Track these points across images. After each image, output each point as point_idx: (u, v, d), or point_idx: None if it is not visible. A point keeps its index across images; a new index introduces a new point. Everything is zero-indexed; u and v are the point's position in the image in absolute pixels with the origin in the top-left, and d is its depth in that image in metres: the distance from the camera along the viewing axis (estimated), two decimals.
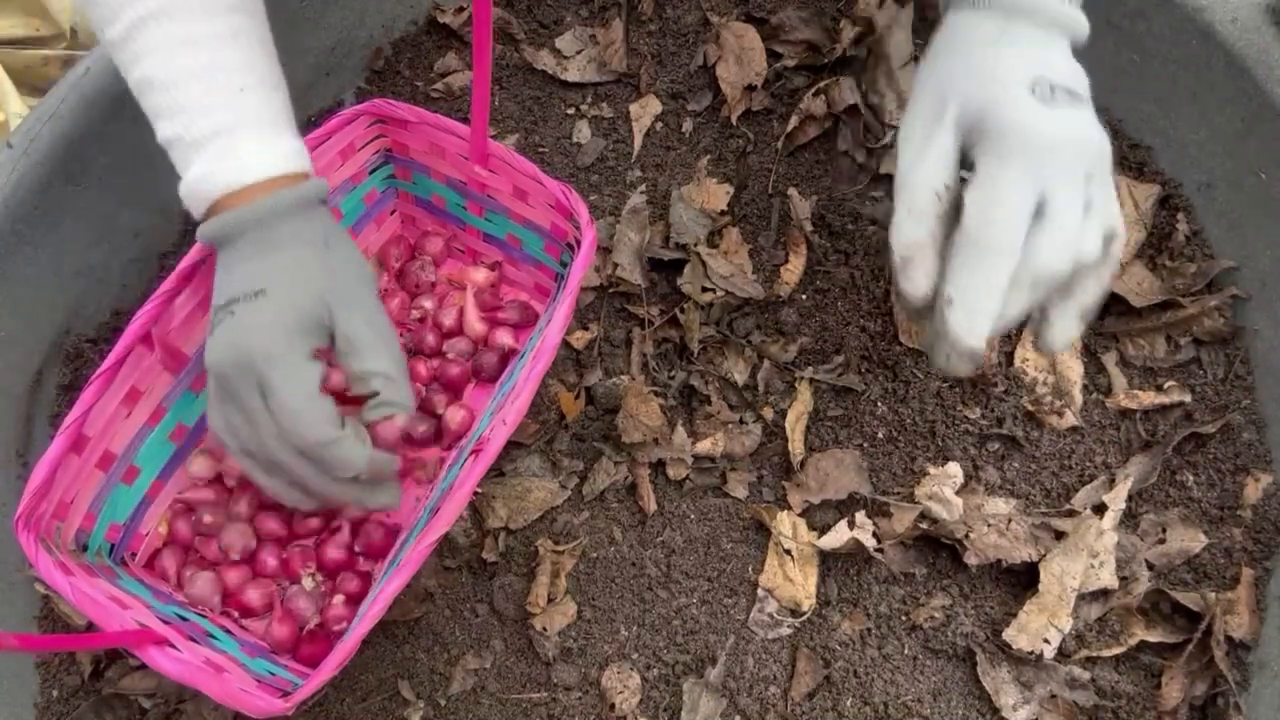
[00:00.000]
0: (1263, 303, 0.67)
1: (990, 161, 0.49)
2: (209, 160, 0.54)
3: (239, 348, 0.53)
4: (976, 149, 0.50)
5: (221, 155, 0.54)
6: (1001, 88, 0.49)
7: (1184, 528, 0.63)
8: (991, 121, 0.49)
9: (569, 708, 0.61)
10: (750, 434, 0.67)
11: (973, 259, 0.48)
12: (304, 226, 0.55)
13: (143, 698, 0.62)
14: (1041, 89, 0.49)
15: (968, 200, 0.49)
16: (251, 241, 0.54)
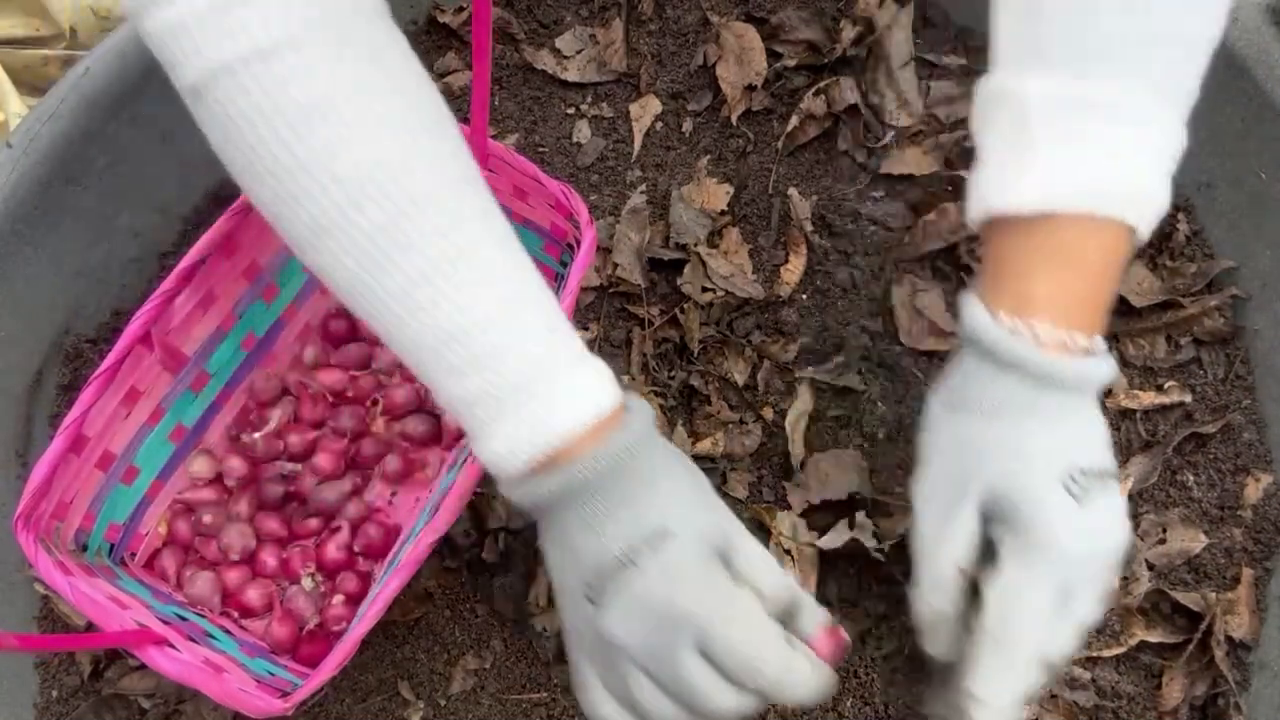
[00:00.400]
0: (1263, 303, 0.67)
1: (1015, 561, 0.47)
2: (536, 409, 0.45)
3: (666, 603, 0.44)
4: (998, 531, 0.48)
5: (551, 401, 0.45)
6: (1031, 480, 0.47)
7: (1184, 528, 0.63)
8: (1020, 519, 0.47)
9: (569, 708, 0.61)
10: (750, 434, 0.67)
11: (997, 658, 0.46)
12: (662, 453, 0.48)
13: (142, 698, 0.62)
14: (1075, 482, 0.46)
15: (990, 595, 0.47)
16: (620, 486, 0.45)
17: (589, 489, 0.45)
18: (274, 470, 0.68)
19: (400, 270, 0.43)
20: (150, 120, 0.70)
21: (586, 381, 0.46)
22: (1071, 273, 0.46)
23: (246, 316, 0.68)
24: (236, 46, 0.40)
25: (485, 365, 0.44)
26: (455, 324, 0.44)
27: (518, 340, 0.45)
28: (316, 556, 0.66)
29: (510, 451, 0.45)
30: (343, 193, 0.42)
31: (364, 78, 0.42)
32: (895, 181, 0.74)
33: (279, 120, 0.41)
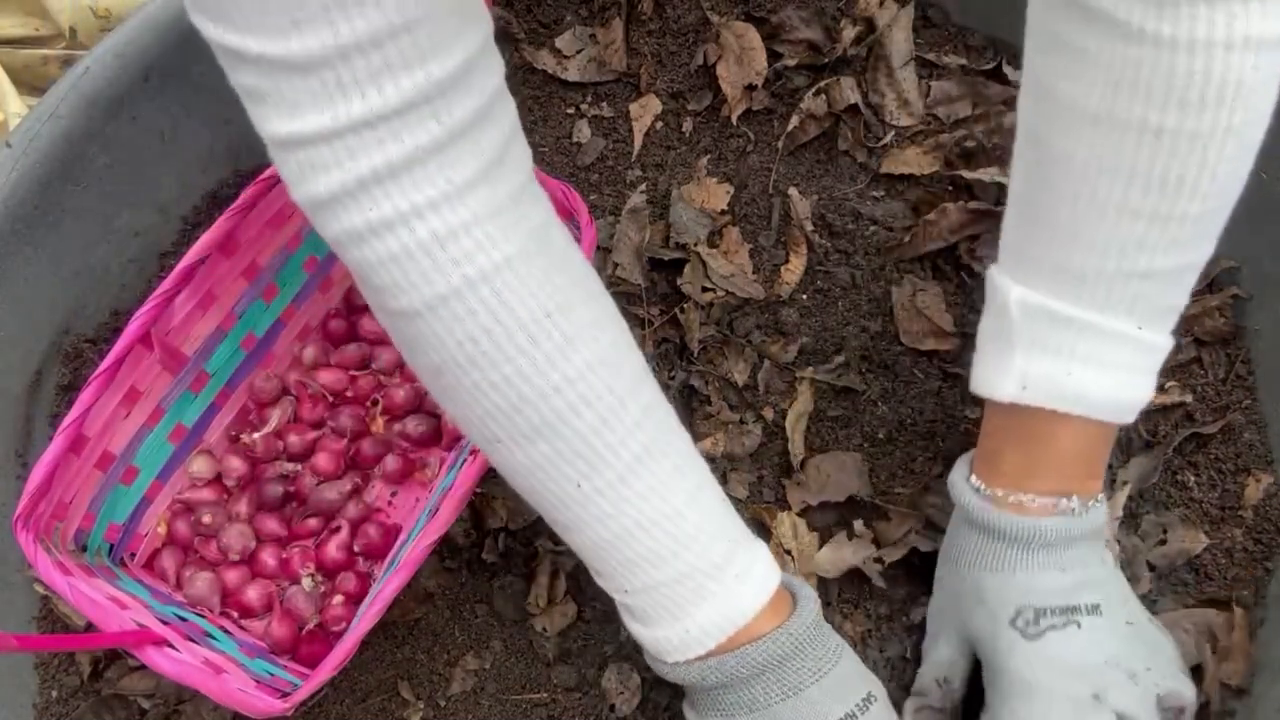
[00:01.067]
0: (1263, 303, 0.67)
1: (992, 696, 0.53)
2: (732, 584, 0.48)
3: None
4: (984, 671, 0.54)
5: (746, 575, 0.48)
6: (987, 623, 0.53)
7: (1184, 529, 0.63)
8: (985, 657, 0.54)
9: (569, 708, 0.61)
10: (750, 434, 0.67)
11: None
12: (829, 628, 0.53)
13: (142, 698, 0.62)
14: (1024, 619, 0.52)
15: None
16: (810, 657, 0.49)
17: (784, 663, 0.49)
18: (274, 470, 0.68)
19: (610, 467, 0.45)
20: (150, 120, 0.70)
21: (762, 557, 0.51)
22: (1039, 451, 0.52)
23: (246, 316, 0.68)
24: (464, 273, 0.41)
25: (686, 549, 0.47)
26: (659, 511, 0.46)
27: (710, 522, 0.48)
28: (316, 557, 0.66)
29: (709, 630, 0.48)
30: (562, 399, 0.44)
31: (567, 286, 0.44)
32: (895, 181, 0.74)
33: (505, 338, 0.42)
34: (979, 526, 0.54)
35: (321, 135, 0.38)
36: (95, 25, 0.91)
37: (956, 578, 0.55)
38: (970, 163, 0.73)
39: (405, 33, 0.37)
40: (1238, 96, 0.42)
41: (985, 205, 0.70)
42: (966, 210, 0.70)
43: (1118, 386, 0.50)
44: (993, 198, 0.71)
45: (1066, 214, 0.47)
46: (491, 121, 0.41)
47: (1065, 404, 0.50)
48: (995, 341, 0.52)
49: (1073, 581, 0.52)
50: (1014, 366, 0.51)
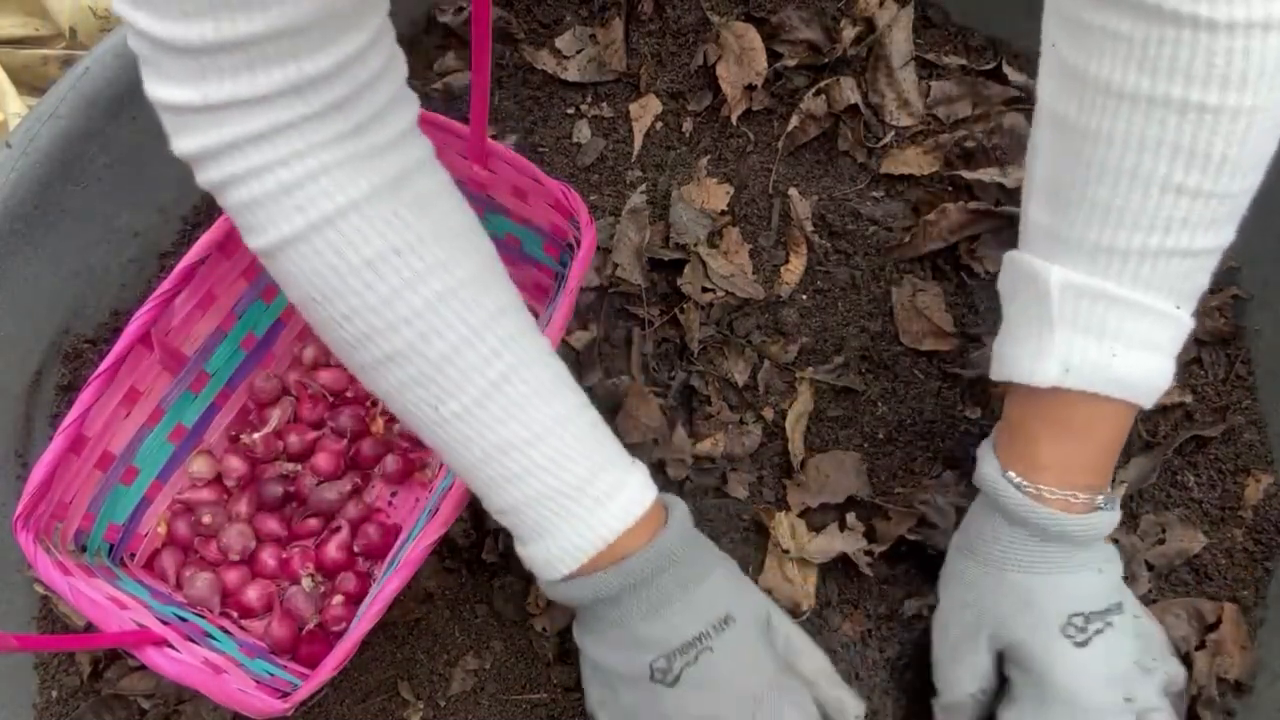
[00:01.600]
0: (1263, 303, 0.67)
1: (1026, 705, 0.52)
2: (592, 505, 0.49)
3: (736, 682, 0.50)
4: (1012, 671, 0.53)
5: (608, 496, 0.49)
6: (1034, 630, 0.52)
7: (1183, 528, 0.63)
8: (1026, 664, 0.52)
9: (569, 708, 0.61)
10: (750, 434, 0.67)
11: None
12: (703, 543, 0.54)
13: (142, 698, 0.62)
14: (1075, 626, 0.51)
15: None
16: (677, 576, 0.51)
17: (648, 581, 0.50)
18: (274, 470, 0.68)
19: (464, 392, 0.47)
20: (150, 120, 0.69)
21: (633, 480, 0.51)
22: (1078, 443, 0.51)
23: (246, 316, 0.68)
24: (307, 218, 0.44)
25: (545, 470, 0.48)
26: (517, 435, 0.48)
27: (571, 447, 0.49)
28: (316, 557, 0.66)
29: (569, 549, 0.49)
30: (411, 330, 0.46)
31: (422, 226, 0.46)
32: (895, 181, 0.74)
33: (350, 274, 0.45)
34: (1021, 524, 0.52)
35: (191, 107, 0.41)
36: (95, 25, 0.91)
37: (990, 578, 0.54)
38: (970, 163, 0.73)
39: (287, 36, 0.39)
40: (1277, 74, 0.42)
41: (985, 205, 0.70)
42: (966, 210, 0.70)
43: (1153, 369, 0.49)
44: (993, 198, 0.71)
45: (1107, 192, 0.46)
46: (364, 98, 0.44)
47: (1109, 387, 0.49)
48: (1032, 325, 0.50)
49: (1106, 581, 0.52)
50: (1055, 350, 0.49)
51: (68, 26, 0.90)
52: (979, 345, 0.68)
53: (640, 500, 0.51)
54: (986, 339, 0.68)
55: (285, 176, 0.43)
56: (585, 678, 0.55)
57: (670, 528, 0.51)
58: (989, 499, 0.54)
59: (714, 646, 0.50)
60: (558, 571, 0.50)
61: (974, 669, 0.54)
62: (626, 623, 0.50)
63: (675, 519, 0.52)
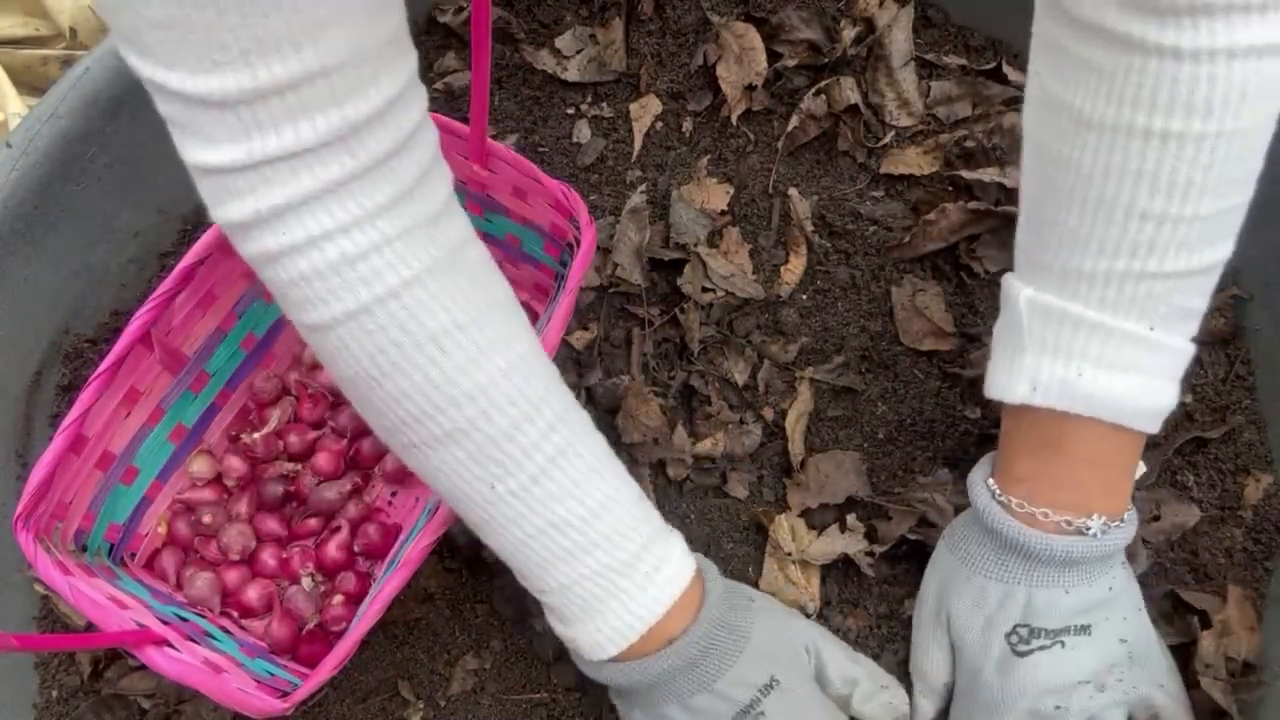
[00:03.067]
0: (1263, 303, 0.67)
1: (960, 700, 0.56)
2: (643, 582, 0.50)
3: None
4: (956, 670, 0.56)
5: (656, 570, 0.50)
6: (979, 631, 0.54)
7: (1176, 504, 0.63)
8: (963, 663, 0.55)
9: (569, 708, 0.61)
10: (750, 434, 0.67)
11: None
12: (741, 603, 0.55)
13: (142, 698, 0.62)
14: (1018, 636, 0.53)
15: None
16: (721, 649, 0.52)
17: (696, 661, 0.51)
18: (274, 470, 0.68)
19: (523, 470, 0.47)
20: (150, 120, 0.69)
21: (676, 551, 0.52)
22: (1051, 461, 0.52)
23: (246, 316, 0.68)
24: (373, 291, 0.43)
25: (599, 548, 0.49)
26: (573, 513, 0.48)
27: (623, 522, 0.49)
28: (316, 556, 0.66)
29: (621, 629, 0.50)
30: (475, 406, 0.45)
31: (479, 300, 0.46)
32: (895, 181, 0.74)
33: (414, 349, 0.44)
34: (990, 532, 0.54)
35: (236, 167, 0.39)
36: (95, 25, 0.91)
37: (958, 574, 0.56)
38: (970, 163, 0.73)
39: (323, 78, 0.38)
40: (1243, 101, 0.42)
41: (985, 205, 0.70)
42: (966, 210, 0.70)
43: (1132, 390, 0.49)
44: (993, 198, 0.71)
45: (1075, 218, 0.47)
46: (409, 152, 0.43)
47: (1076, 405, 0.50)
48: (1007, 344, 0.52)
49: (1074, 603, 0.53)
50: (1024, 368, 0.51)
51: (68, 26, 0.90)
52: (979, 345, 0.68)
53: (684, 572, 0.52)
54: (986, 339, 0.68)
55: (348, 247, 0.42)
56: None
57: (710, 603, 0.52)
58: (972, 507, 0.56)
59: (765, 709, 0.52)
60: (606, 652, 0.50)
61: (939, 658, 0.57)
62: (677, 699, 0.52)
63: (713, 590, 0.53)
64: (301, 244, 0.41)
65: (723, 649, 0.52)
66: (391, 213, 0.42)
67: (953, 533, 0.58)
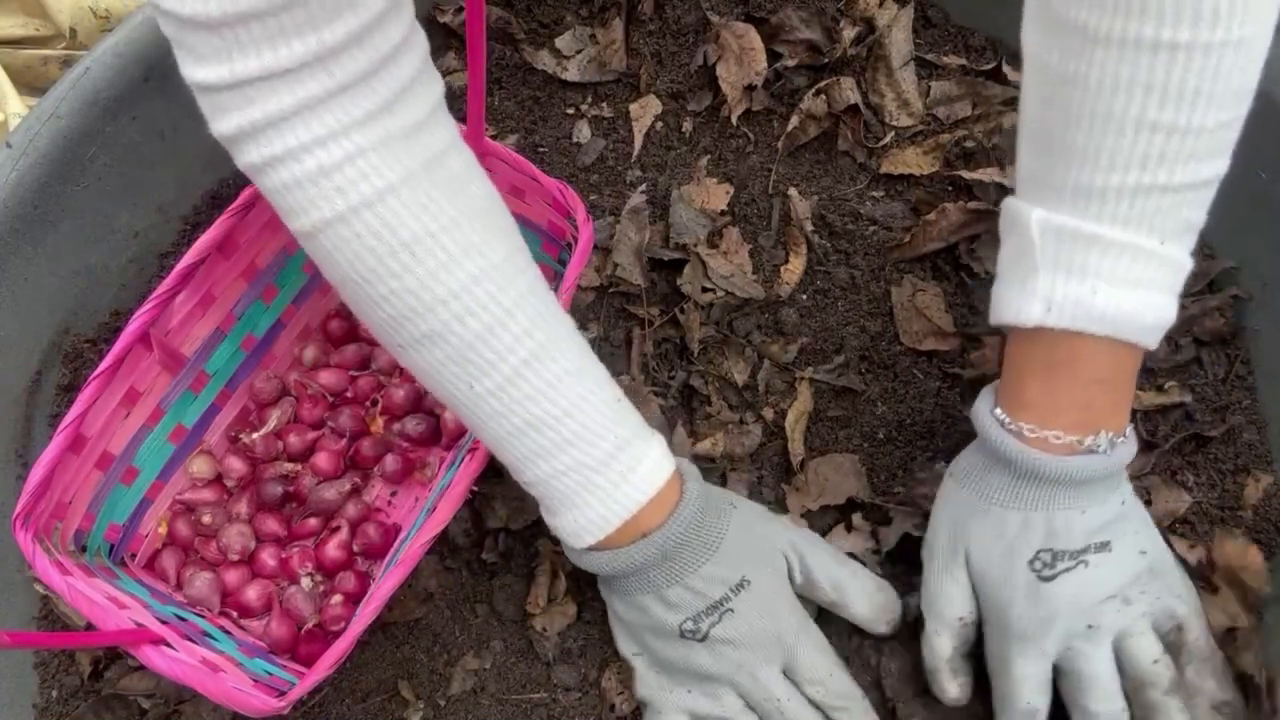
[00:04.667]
0: (1263, 303, 0.67)
1: (991, 636, 0.55)
2: (617, 480, 0.53)
3: (756, 633, 0.55)
4: (981, 601, 0.55)
5: (630, 470, 0.53)
6: (1002, 562, 0.54)
7: (1167, 490, 0.63)
8: (988, 595, 0.55)
9: (569, 708, 0.61)
10: (750, 434, 0.67)
11: (1001, 713, 0.55)
12: (719, 504, 0.57)
13: (142, 698, 0.62)
14: (1041, 561, 0.53)
15: (987, 664, 0.56)
16: (694, 546, 0.55)
17: (670, 555, 0.54)
18: (274, 470, 0.68)
19: (497, 370, 0.50)
20: (150, 120, 0.70)
21: (654, 453, 0.54)
22: (1063, 382, 0.51)
23: (246, 317, 0.68)
24: (347, 200, 0.46)
25: (573, 445, 0.52)
26: (547, 412, 0.51)
27: (597, 422, 0.52)
28: (315, 556, 0.66)
29: (596, 520, 0.53)
30: (448, 311, 0.48)
31: (456, 208, 0.48)
32: (895, 181, 0.74)
33: (389, 256, 0.47)
34: (1001, 461, 0.53)
35: (223, 83, 0.43)
36: (95, 25, 0.91)
37: (971, 507, 0.55)
38: (970, 163, 0.73)
39: (300, 5, 0.41)
40: (1247, 8, 0.43)
41: (985, 205, 0.70)
42: (966, 210, 0.70)
43: (1142, 305, 0.49)
44: (993, 198, 0.71)
45: (1084, 135, 0.47)
46: (388, 70, 0.45)
47: (1091, 324, 0.49)
48: (1017, 267, 0.52)
49: (1090, 522, 0.53)
50: (1038, 289, 0.50)
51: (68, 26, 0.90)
52: (979, 345, 0.68)
53: (660, 472, 0.54)
54: (986, 339, 0.68)
55: (324, 158, 0.45)
56: (615, 630, 0.60)
57: (687, 501, 0.55)
58: (979, 437, 0.55)
59: (735, 607, 0.55)
60: (583, 541, 0.54)
61: (955, 593, 0.56)
62: (653, 590, 0.55)
63: (690, 491, 0.55)
64: (282, 155, 0.44)
65: (695, 546, 0.55)
66: (368, 126, 0.45)
67: (960, 468, 0.57)
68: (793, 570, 0.58)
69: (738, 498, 0.60)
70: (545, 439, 0.51)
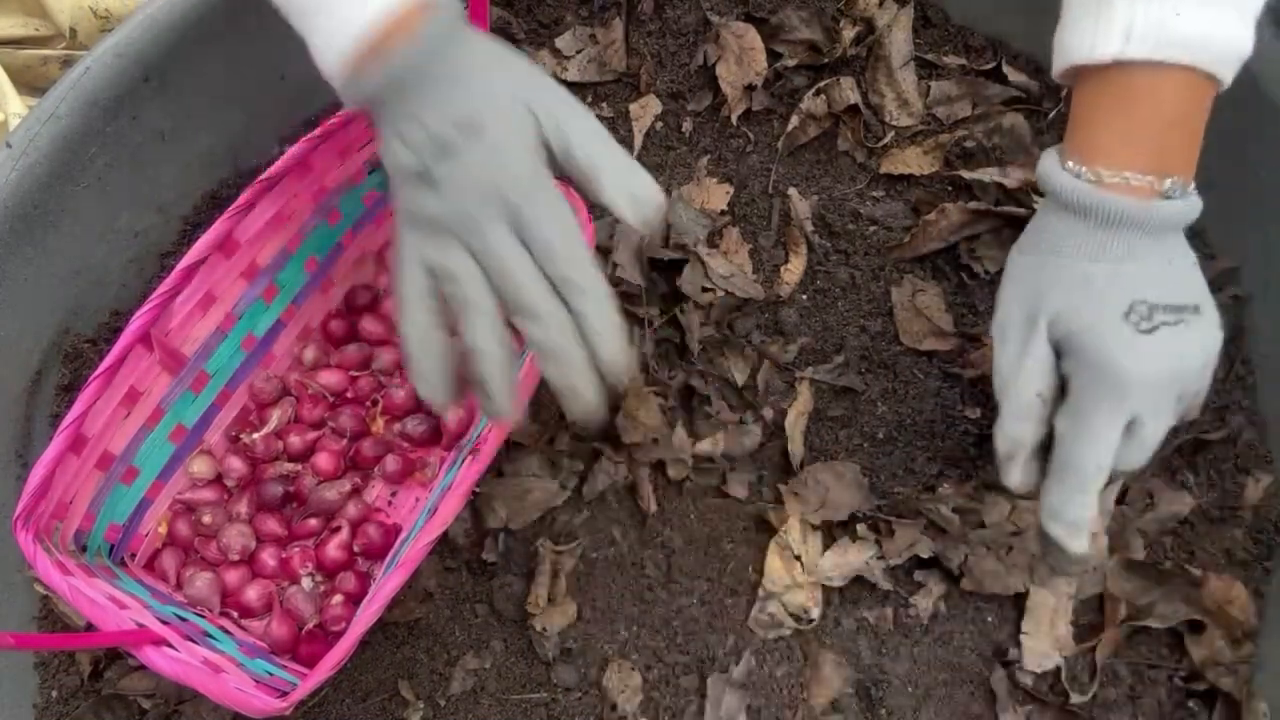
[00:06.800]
0: (1263, 303, 0.67)
1: (1081, 392, 0.50)
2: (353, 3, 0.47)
3: (484, 184, 0.48)
4: (1068, 365, 0.51)
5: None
6: (1095, 314, 0.49)
7: (1169, 491, 0.63)
8: (1083, 349, 0.50)
9: (569, 708, 0.61)
10: (750, 434, 0.67)
11: (1068, 484, 0.50)
12: (476, 43, 0.50)
13: (142, 698, 0.62)
14: (1138, 314, 0.49)
15: (1059, 426, 0.51)
16: (437, 76, 0.48)
17: (407, 81, 0.48)
18: (274, 470, 0.68)
19: None
20: (150, 120, 0.70)
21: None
22: (1140, 119, 0.49)
23: (246, 317, 0.68)
24: None
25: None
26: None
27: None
28: (316, 556, 0.66)
29: (332, 48, 0.48)
30: None
31: None
32: (895, 181, 0.74)
33: None
34: (1078, 212, 0.50)
35: None
36: (95, 25, 0.90)
37: (1049, 268, 0.52)
38: (970, 163, 0.73)
39: None
40: None
41: (985, 205, 0.70)
42: (966, 210, 0.70)
43: (1223, 30, 0.47)
44: (993, 198, 0.71)
45: None
46: None
47: (1173, 50, 0.47)
48: (1090, 3, 0.49)
49: (1178, 276, 0.51)
50: (1116, 18, 0.48)
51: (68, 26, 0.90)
52: (979, 345, 0.68)
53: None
54: (987, 339, 0.68)
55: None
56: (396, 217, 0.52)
57: (429, 33, 0.48)
58: (1049, 193, 0.52)
59: (462, 151, 0.48)
60: (329, 64, 0.49)
61: (1035, 365, 0.51)
62: (393, 125, 0.49)
63: (437, 22, 0.48)
64: None
65: (434, 79, 0.48)
66: None
67: (1028, 239, 0.54)
68: (545, 132, 0.50)
69: (497, 41, 0.52)
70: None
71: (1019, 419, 0.52)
